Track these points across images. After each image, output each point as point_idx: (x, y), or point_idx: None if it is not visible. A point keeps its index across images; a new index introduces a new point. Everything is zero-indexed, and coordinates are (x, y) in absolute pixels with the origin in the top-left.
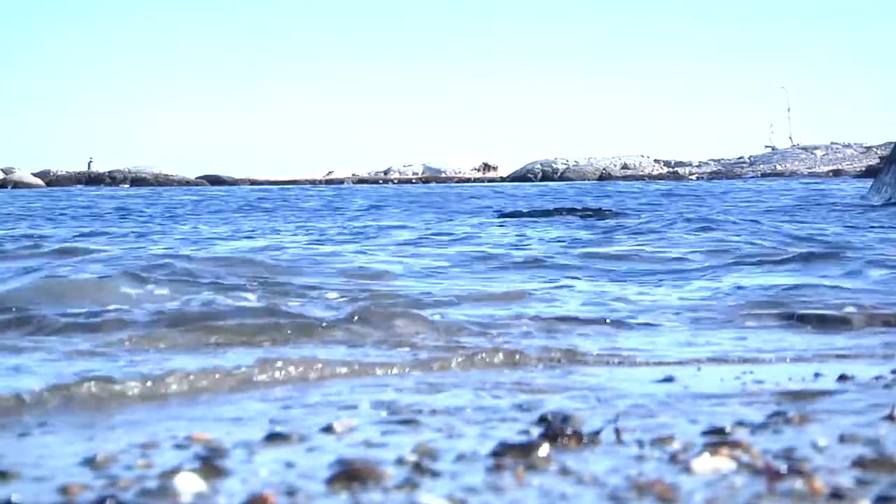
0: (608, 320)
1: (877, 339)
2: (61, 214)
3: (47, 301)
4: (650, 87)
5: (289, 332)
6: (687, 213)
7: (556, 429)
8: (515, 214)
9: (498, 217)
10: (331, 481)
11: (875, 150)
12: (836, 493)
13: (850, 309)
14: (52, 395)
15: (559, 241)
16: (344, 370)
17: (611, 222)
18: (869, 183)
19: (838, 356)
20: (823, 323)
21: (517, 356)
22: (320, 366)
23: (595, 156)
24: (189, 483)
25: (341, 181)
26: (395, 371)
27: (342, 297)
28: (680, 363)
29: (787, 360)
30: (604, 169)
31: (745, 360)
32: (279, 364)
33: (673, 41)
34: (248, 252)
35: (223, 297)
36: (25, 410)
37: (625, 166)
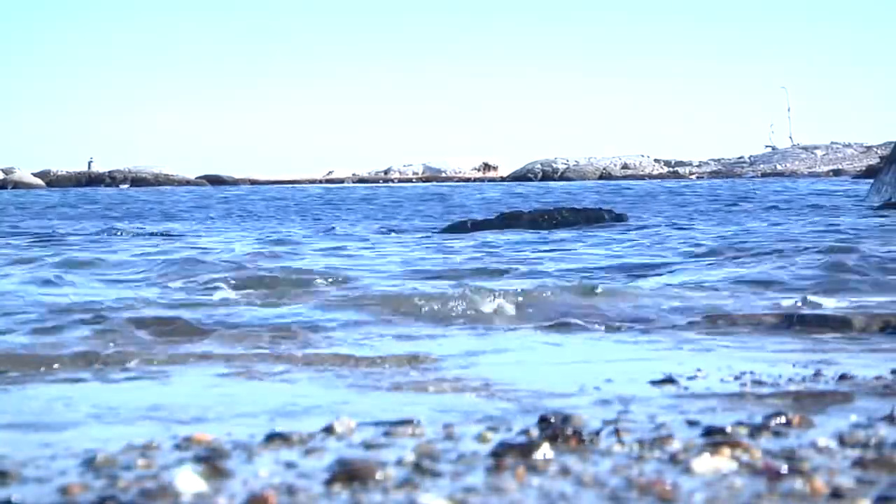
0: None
1: (877, 339)
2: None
3: None
4: (650, 87)
5: None
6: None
7: (556, 429)
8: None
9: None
10: (331, 481)
11: (875, 149)
12: (837, 493)
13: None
14: None
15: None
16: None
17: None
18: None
19: (838, 356)
20: (824, 323)
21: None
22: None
23: (595, 156)
24: (189, 483)
25: (341, 181)
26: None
27: None
28: (679, 364)
29: (788, 360)
30: (604, 169)
31: (745, 360)
32: None
33: (673, 41)
34: None
35: None
36: None
37: (625, 166)
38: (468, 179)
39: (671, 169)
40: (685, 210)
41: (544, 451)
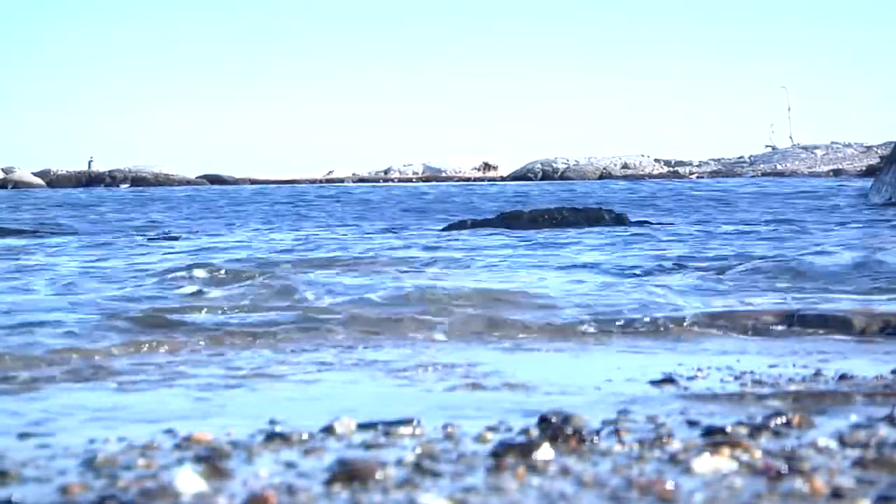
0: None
1: (877, 339)
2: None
3: None
4: (650, 87)
5: None
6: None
7: (556, 429)
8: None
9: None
10: (331, 481)
11: (875, 149)
12: (837, 493)
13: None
14: None
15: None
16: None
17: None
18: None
19: (838, 356)
20: (824, 323)
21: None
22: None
23: (595, 155)
24: (189, 483)
25: (341, 181)
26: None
27: None
28: (679, 364)
29: (788, 360)
30: (604, 168)
31: (745, 360)
32: None
33: (673, 41)
34: None
35: None
36: None
37: (625, 166)
38: (468, 179)
39: (671, 169)
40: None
41: (544, 451)
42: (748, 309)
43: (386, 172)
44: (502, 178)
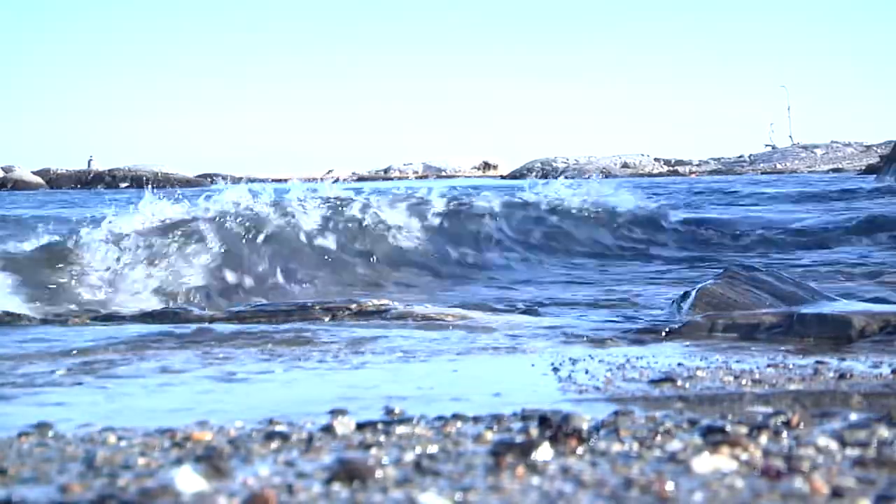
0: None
1: (877, 338)
2: None
3: None
4: (650, 87)
5: None
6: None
7: (555, 428)
8: None
9: None
10: (331, 481)
11: (875, 148)
12: (837, 493)
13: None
14: None
15: None
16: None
17: None
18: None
19: (838, 356)
20: (823, 322)
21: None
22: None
23: (595, 155)
24: (189, 483)
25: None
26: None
27: None
28: (678, 363)
29: (787, 359)
30: (604, 168)
31: (745, 360)
32: None
33: (673, 41)
34: None
35: None
36: None
37: (625, 165)
38: (468, 178)
39: (671, 168)
40: None
41: (544, 451)
42: (748, 309)
43: (386, 172)
44: (502, 177)
